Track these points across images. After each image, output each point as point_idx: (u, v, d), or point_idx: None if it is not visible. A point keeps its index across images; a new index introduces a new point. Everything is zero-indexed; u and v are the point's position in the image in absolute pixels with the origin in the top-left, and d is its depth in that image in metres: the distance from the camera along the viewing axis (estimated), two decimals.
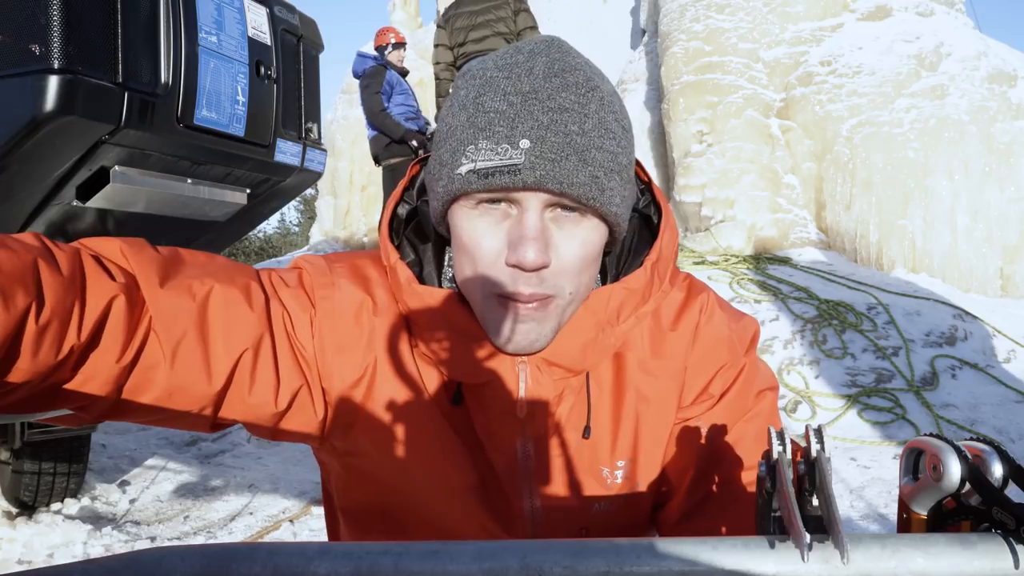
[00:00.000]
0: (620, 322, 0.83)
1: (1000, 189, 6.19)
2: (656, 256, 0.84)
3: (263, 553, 0.46)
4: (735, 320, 0.92)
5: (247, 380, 0.78)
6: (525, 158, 0.71)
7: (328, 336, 0.83)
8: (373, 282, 0.86)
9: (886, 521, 3.17)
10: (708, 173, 6.70)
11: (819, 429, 0.50)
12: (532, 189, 0.72)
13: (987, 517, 0.50)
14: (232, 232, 3.42)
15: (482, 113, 0.73)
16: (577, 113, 0.73)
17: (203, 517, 3.71)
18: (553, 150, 0.71)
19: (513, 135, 0.71)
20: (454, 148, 0.74)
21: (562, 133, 0.72)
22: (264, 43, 2.85)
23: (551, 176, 0.71)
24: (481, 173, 0.72)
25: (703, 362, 0.89)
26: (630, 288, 0.82)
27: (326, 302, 0.83)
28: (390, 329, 0.84)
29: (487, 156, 0.72)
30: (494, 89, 0.74)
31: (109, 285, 0.70)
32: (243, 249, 19.21)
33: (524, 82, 0.73)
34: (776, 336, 5.01)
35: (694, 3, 7.37)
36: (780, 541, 0.47)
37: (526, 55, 0.75)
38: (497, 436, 0.84)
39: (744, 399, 0.90)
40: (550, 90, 0.73)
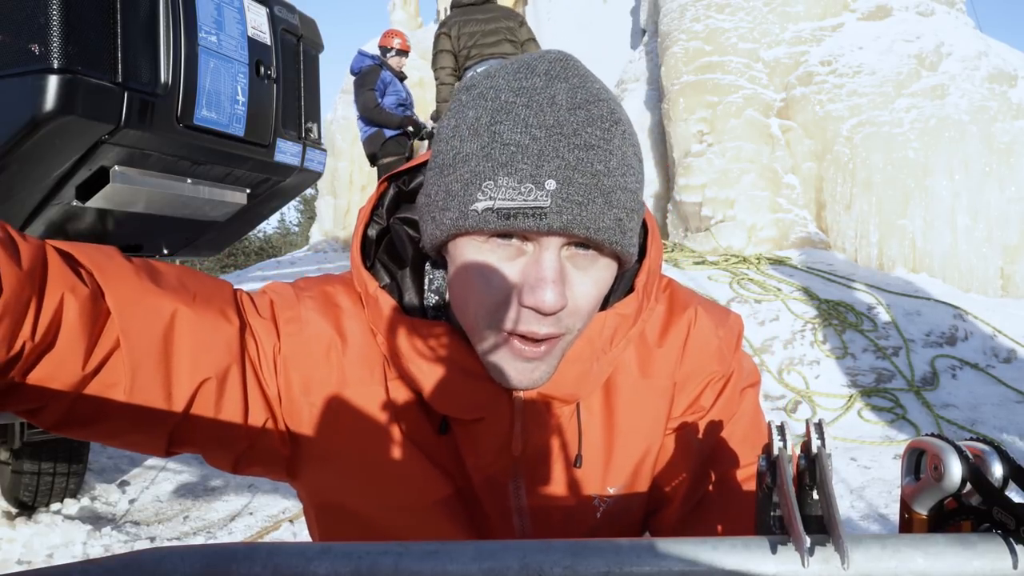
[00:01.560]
0: (612, 348, 0.81)
1: (1000, 189, 6.19)
2: (645, 277, 0.82)
3: (263, 553, 0.46)
4: (721, 325, 0.90)
5: (211, 409, 0.75)
6: (552, 201, 0.66)
7: (294, 374, 0.79)
8: (345, 313, 0.82)
9: (886, 521, 3.17)
10: (708, 173, 6.70)
11: (820, 424, 0.50)
12: (556, 234, 0.68)
13: (988, 517, 0.50)
14: (232, 232, 3.42)
15: (501, 145, 0.68)
16: (603, 151, 0.68)
17: (203, 517, 3.71)
18: (580, 192, 0.67)
19: (539, 174, 0.66)
20: (467, 180, 0.69)
21: (589, 173, 0.67)
22: (264, 43, 2.85)
23: (578, 221, 0.67)
24: (502, 214, 0.67)
25: (693, 375, 0.88)
26: (623, 314, 0.80)
27: (292, 339, 0.79)
28: (363, 369, 0.80)
29: (508, 195, 0.67)
30: (513, 119, 0.68)
31: (73, 284, 0.67)
32: (243, 249, 19.21)
33: (547, 114, 0.68)
34: (776, 336, 5.02)
35: (694, 3, 7.37)
36: (780, 543, 0.47)
37: (543, 79, 0.70)
38: (489, 472, 0.82)
39: (731, 402, 0.90)
40: (575, 124, 0.68)
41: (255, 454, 0.80)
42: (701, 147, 6.87)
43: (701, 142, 6.90)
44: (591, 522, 0.86)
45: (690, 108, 6.99)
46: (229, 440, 0.78)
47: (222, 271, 17.32)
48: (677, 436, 0.88)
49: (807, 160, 6.72)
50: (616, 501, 0.87)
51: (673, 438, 0.88)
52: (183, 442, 0.76)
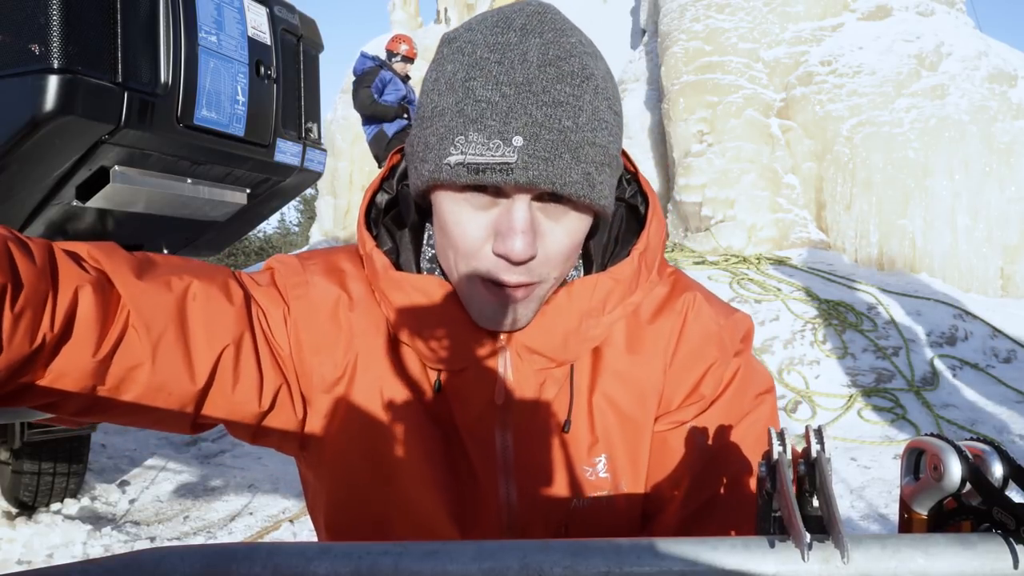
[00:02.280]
0: (606, 312, 0.82)
1: (1000, 189, 6.19)
2: (644, 246, 0.83)
3: (263, 553, 0.46)
4: (725, 316, 0.89)
5: (230, 377, 0.77)
6: (518, 156, 0.69)
7: (304, 336, 0.81)
8: (348, 275, 0.85)
9: (886, 521, 3.17)
10: (708, 173, 6.71)
11: (819, 429, 0.50)
12: (523, 188, 0.70)
13: (987, 517, 0.50)
14: (232, 232, 3.42)
15: (472, 102, 0.70)
16: (571, 107, 0.71)
17: (203, 517, 3.71)
18: (547, 148, 0.69)
19: (506, 130, 0.69)
20: (442, 134, 0.72)
21: (556, 130, 0.70)
22: (264, 43, 2.85)
23: (544, 176, 0.69)
24: (471, 168, 0.70)
25: (689, 360, 0.86)
26: (616, 278, 0.81)
27: (300, 301, 0.82)
28: (368, 324, 0.83)
29: (478, 151, 0.69)
30: (485, 75, 0.70)
31: (82, 276, 0.69)
32: (243, 249, 19.23)
33: (518, 71, 0.70)
34: (776, 336, 5.02)
35: (694, 3, 7.37)
36: (780, 541, 0.47)
37: (518, 34, 0.71)
38: (476, 426, 0.83)
39: (741, 402, 0.87)
40: (545, 81, 0.70)
41: (273, 420, 0.82)
42: (701, 147, 6.87)
43: (701, 142, 6.91)
44: (580, 495, 0.85)
45: (690, 108, 6.99)
46: (249, 407, 0.80)
47: None
48: (679, 433, 0.86)
49: (807, 160, 6.72)
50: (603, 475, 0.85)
51: (676, 434, 0.86)
52: (208, 414, 0.78)
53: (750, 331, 0.92)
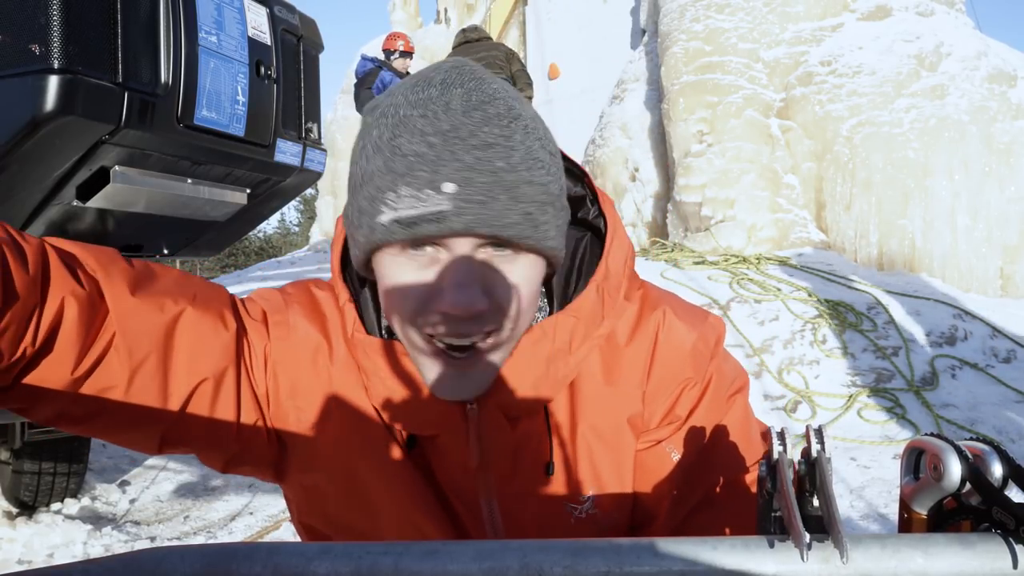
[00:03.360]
0: (573, 351, 0.78)
1: (1000, 189, 6.19)
2: (602, 275, 0.79)
3: (263, 553, 0.46)
4: (696, 327, 0.86)
5: (205, 410, 0.76)
6: (451, 204, 0.66)
7: (282, 378, 0.80)
8: (329, 321, 0.83)
9: (886, 521, 3.17)
10: (708, 173, 6.70)
11: (819, 429, 0.50)
12: (460, 235, 0.68)
13: (987, 517, 0.50)
14: (232, 232, 3.42)
15: (400, 157, 0.67)
16: (503, 147, 0.68)
17: (203, 517, 3.71)
18: (481, 191, 0.66)
19: (436, 179, 0.66)
20: (372, 196, 0.69)
21: (488, 171, 0.67)
22: (264, 43, 2.85)
23: (481, 220, 0.67)
24: (404, 223, 0.67)
25: (664, 382, 0.84)
26: (577, 315, 0.78)
27: (281, 343, 0.81)
28: (347, 375, 0.81)
29: (410, 204, 0.67)
30: (411, 131, 0.68)
31: (74, 288, 0.67)
32: (243, 249, 19.21)
33: (443, 120, 0.67)
34: (776, 336, 5.01)
35: (694, 3, 7.37)
36: (780, 541, 0.47)
37: (439, 88, 0.69)
38: (458, 485, 0.82)
39: (716, 410, 0.86)
40: (471, 126, 0.67)
41: (245, 455, 0.82)
42: (701, 147, 6.87)
43: (701, 142, 6.90)
44: (565, 534, 0.84)
45: (690, 108, 6.99)
46: (221, 440, 0.79)
47: (222, 271, 17.31)
48: (657, 452, 0.85)
49: (807, 160, 6.72)
50: (591, 511, 0.85)
51: (652, 453, 0.85)
52: (176, 441, 0.77)
53: (721, 335, 0.90)
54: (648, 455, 0.85)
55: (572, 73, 11.30)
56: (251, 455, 0.82)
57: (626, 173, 8.01)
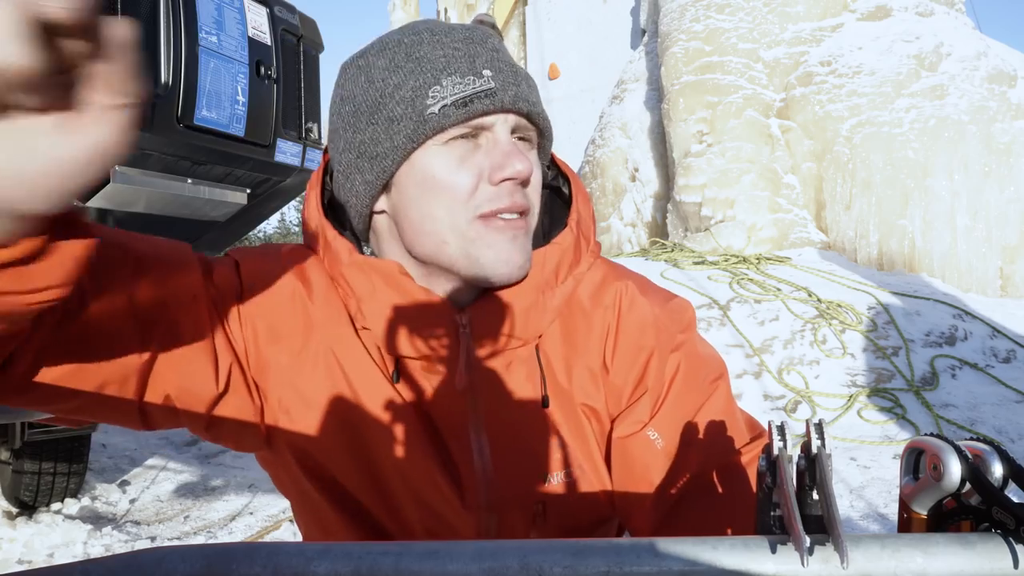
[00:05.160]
0: (559, 282, 0.84)
1: (1000, 189, 6.19)
2: (577, 216, 0.86)
3: (263, 553, 0.46)
4: (661, 304, 0.88)
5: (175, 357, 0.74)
6: (495, 82, 0.76)
7: (259, 323, 0.80)
8: (305, 267, 0.84)
9: (886, 521, 3.17)
10: (708, 173, 6.71)
11: (820, 424, 0.50)
12: (507, 110, 0.76)
13: (987, 517, 0.50)
14: (232, 232, 3.42)
15: (430, 61, 0.76)
16: (506, 53, 0.81)
17: (203, 517, 3.71)
18: (511, 77, 0.77)
19: (475, 67, 0.76)
20: (410, 98, 0.75)
21: (508, 63, 0.79)
22: (264, 43, 2.85)
23: (521, 97, 0.77)
24: (459, 103, 0.74)
25: (630, 353, 0.85)
26: (562, 246, 0.84)
27: (255, 288, 0.81)
28: (328, 314, 0.82)
29: (458, 89, 0.75)
30: (430, 43, 0.78)
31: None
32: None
33: (453, 34, 0.79)
34: (776, 336, 5.02)
35: (694, 3, 7.37)
36: (780, 543, 0.47)
37: (431, 24, 0.81)
38: (446, 413, 0.82)
39: (693, 394, 0.86)
40: (480, 36, 0.79)
41: (229, 401, 0.79)
42: (701, 147, 6.88)
43: (701, 142, 6.91)
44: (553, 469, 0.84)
45: (690, 108, 6.99)
46: (203, 386, 0.77)
47: None
48: (639, 439, 0.85)
49: (807, 160, 6.72)
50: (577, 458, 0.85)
51: (636, 440, 0.85)
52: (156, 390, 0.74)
53: (691, 318, 0.91)
54: (632, 443, 0.85)
55: (572, 73, 11.31)
56: (234, 402, 0.79)
57: (626, 173, 8.01)
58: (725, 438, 0.87)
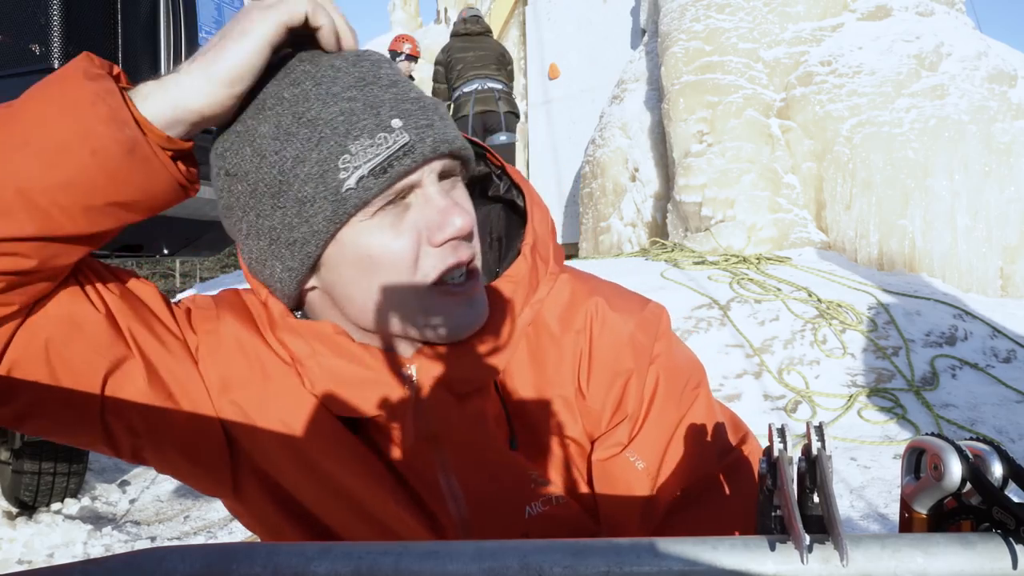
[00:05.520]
0: (516, 317, 0.79)
1: (1000, 189, 6.19)
2: (532, 239, 0.80)
3: (263, 553, 0.46)
4: (632, 316, 0.83)
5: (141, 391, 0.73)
6: (409, 134, 0.67)
7: (213, 373, 0.77)
8: (258, 320, 0.81)
9: (886, 521, 3.17)
10: (708, 173, 6.70)
11: (820, 426, 0.50)
12: (430, 160, 0.69)
13: (987, 517, 0.50)
14: None
15: (326, 124, 0.67)
16: (403, 82, 0.72)
17: (203, 517, 3.71)
18: (421, 117, 0.69)
19: (380, 121, 0.67)
20: (317, 174, 0.67)
21: (412, 101, 0.70)
22: None
23: (440, 138, 0.69)
24: (376, 171, 0.67)
25: (607, 377, 0.81)
26: (515, 279, 0.78)
27: (209, 336, 0.79)
28: (280, 367, 0.79)
29: (371, 153, 0.66)
30: (320, 99, 0.68)
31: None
32: None
33: (342, 78, 0.69)
34: (776, 336, 5.01)
35: (694, 3, 7.37)
36: (780, 542, 0.47)
37: (307, 67, 0.70)
38: (408, 463, 0.80)
39: (673, 407, 0.84)
40: (370, 73, 0.70)
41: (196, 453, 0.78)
42: (701, 147, 6.87)
43: (701, 142, 6.90)
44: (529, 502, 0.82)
45: (690, 108, 6.99)
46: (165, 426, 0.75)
47: (222, 271, 17.31)
48: (621, 460, 0.82)
49: (807, 160, 6.72)
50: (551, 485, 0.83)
51: (616, 463, 0.82)
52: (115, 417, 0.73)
53: (665, 324, 0.86)
54: (612, 465, 0.82)
55: (572, 73, 11.30)
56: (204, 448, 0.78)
57: (626, 173, 8.01)
58: (709, 448, 0.85)
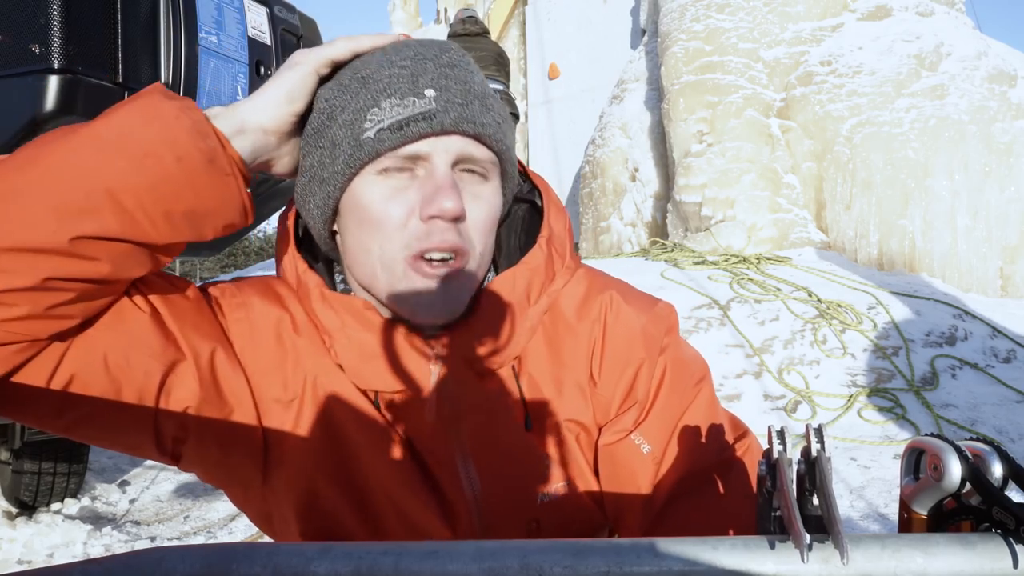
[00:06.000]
0: (532, 303, 0.82)
1: (1000, 189, 6.19)
2: (548, 233, 0.84)
3: (263, 553, 0.46)
4: (646, 310, 0.88)
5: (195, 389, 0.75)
6: (436, 103, 0.72)
7: (248, 360, 0.79)
8: (286, 298, 0.83)
9: (886, 521, 3.17)
10: (708, 173, 6.70)
11: (819, 428, 0.50)
12: (448, 132, 0.72)
13: (987, 517, 0.50)
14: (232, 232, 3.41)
15: (374, 81, 0.73)
16: (464, 69, 0.76)
17: (203, 517, 3.71)
18: (459, 96, 0.73)
19: (417, 87, 0.72)
20: (351, 121, 0.73)
21: (461, 80, 0.74)
22: (264, 43, 2.85)
23: (465, 117, 0.72)
24: (394, 127, 0.71)
25: (618, 366, 0.85)
26: (532, 266, 0.82)
27: (240, 324, 0.80)
28: (313, 345, 0.81)
29: (396, 112, 0.72)
30: (377, 63, 0.75)
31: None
32: (243, 249, 19.21)
33: (406, 51, 0.75)
34: (776, 336, 5.01)
35: (694, 3, 7.37)
36: (780, 541, 0.47)
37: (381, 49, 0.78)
38: (428, 443, 0.82)
39: (678, 398, 0.87)
40: (434, 52, 0.76)
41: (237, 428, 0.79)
42: (701, 147, 6.87)
43: (701, 142, 6.90)
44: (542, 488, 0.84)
45: (690, 108, 6.99)
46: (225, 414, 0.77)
47: (222, 271, 17.32)
48: (626, 444, 0.85)
49: (807, 160, 6.72)
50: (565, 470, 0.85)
51: (622, 447, 0.85)
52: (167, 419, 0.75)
53: (674, 322, 0.91)
54: (618, 448, 0.85)
55: (572, 73, 11.30)
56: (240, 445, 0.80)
57: (626, 173, 8.01)
58: (709, 441, 0.87)
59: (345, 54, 0.77)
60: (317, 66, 0.76)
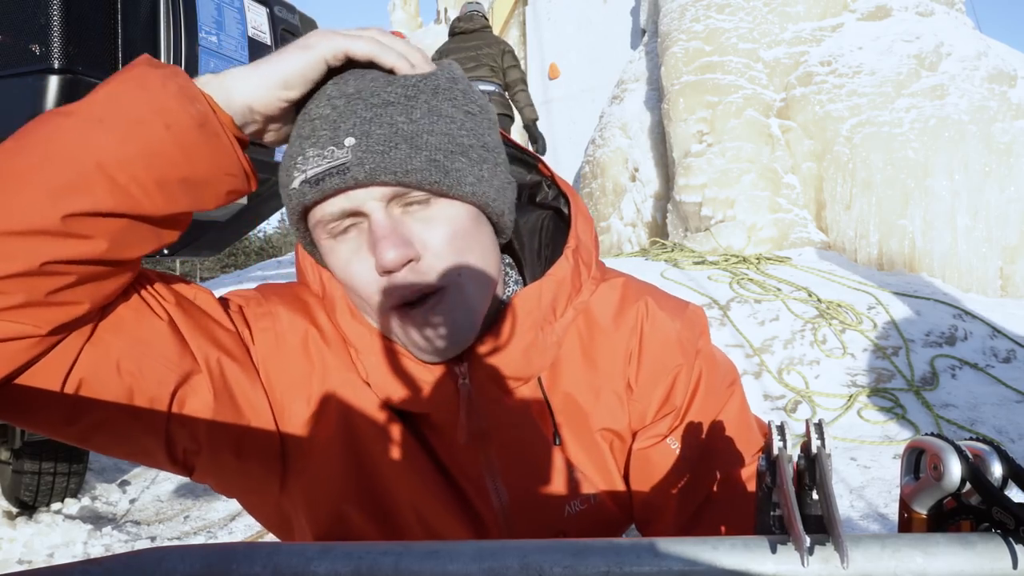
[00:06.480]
0: (558, 317, 0.81)
1: (1000, 189, 6.19)
2: (575, 243, 0.82)
3: (263, 553, 0.46)
4: (678, 316, 0.88)
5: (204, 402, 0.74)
6: (352, 155, 0.69)
7: (274, 372, 0.78)
8: (313, 308, 0.82)
9: (886, 521, 3.17)
10: (708, 173, 6.70)
11: (820, 424, 0.50)
12: (365, 185, 0.70)
13: (987, 517, 0.50)
14: (233, 232, 3.41)
15: (307, 122, 0.72)
16: (403, 106, 0.71)
17: (203, 517, 3.71)
18: (380, 142, 0.69)
19: (337, 136, 0.69)
20: (288, 166, 0.73)
21: (387, 124, 0.70)
22: (264, 43, 2.85)
23: (382, 167, 0.69)
24: (312, 181, 0.70)
25: (656, 374, 0.85)
26: (557, 279, 0.80)
27: (266, 334, 0.79)
28: (341, 358, 0.80)
29: (315, 163, 0.70)
30: (320, 97, 0.73)
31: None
32: (243, 249, 19.21)
33: (350, 84, 0.72)
34: (776, 336, 5.01)
35: (694, 3, 7.37)
36: (780, 543, 0.47)
37: (349, 73, 0.74)
38: (458, 461, 0.81)
39: (712, 401, 0.87)
40: (375, 87, 0.71)
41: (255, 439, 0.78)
42: (701, 147, 6.87)
43: (701, 142, 6.90)
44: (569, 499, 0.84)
45: (690, 108, 6.98)
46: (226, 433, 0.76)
47: (222, 271, 17.32)
48: (661, 448, 0.85)
49: (807, 160, 6.72)
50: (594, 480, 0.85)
51: (657, 449, 0.85)
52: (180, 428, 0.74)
53: (705, 324, 0.91)
54: (652, 452, 0.86)
55: (572, 73, 11.30)
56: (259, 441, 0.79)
57: (626, 173, 8.01)
58: (741, 444, 0.88)
59: (362, 55, 0.73)
60: (329, 55, 0.72)
